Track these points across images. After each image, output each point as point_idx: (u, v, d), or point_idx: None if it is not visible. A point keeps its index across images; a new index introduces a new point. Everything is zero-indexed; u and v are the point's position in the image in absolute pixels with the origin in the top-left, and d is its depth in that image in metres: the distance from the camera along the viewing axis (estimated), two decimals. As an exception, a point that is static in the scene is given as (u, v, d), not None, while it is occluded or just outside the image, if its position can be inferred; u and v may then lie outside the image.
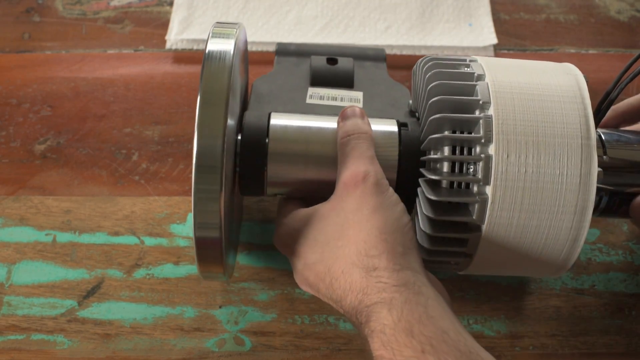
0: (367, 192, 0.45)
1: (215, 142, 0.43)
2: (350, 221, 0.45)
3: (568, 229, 0.45)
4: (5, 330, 0.55)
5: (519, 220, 0.45)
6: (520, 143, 0.44)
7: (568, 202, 0.44)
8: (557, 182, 0.44)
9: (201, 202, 0.43)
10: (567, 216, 0.44)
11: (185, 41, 0.74)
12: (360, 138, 0.48)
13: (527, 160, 0.44)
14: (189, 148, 0.66)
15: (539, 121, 0.45)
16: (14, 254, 0.59)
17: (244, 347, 0.55)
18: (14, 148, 0.66)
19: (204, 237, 0.44)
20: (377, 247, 0.43)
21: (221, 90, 0.44)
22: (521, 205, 0.44)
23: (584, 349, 0.55)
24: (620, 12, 0.78)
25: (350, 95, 0.55)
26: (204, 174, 0.43)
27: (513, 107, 0.45)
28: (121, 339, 0.55)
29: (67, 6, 0.78)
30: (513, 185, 0.44)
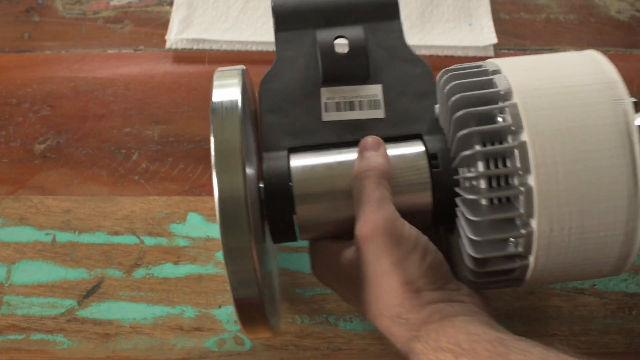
0: (380, 247, 0.43)
1: (239, 210, 0.40)
2: (370, 274, 0.44)
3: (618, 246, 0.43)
4: (5, 330, 0.55)
5: (573, 202, 0.42)
6: (555, 135, 0.42)
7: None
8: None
9: (233, 261, 0.41)
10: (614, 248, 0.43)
11: (185, 41, 0.74)
12: (368, 177, 0.45)
13: (564, 149, 0.41)
14: (188, 148, 0.66)
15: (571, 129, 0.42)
16: (14, 254, 0.59)
17: (243, 346, 0.55)
18: (13, 148, 0.66)
19: (242, 297, 0.42)
20: (398, 296, 0.43)
21: (235, 154, 0.41)
22: (570, 188, 0.42)
23: (584, 348, 0.55)
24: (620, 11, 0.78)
25: (368, 93, 0.51)
26: (231, 235, 0.40)
27: (536, 90, 0.43)
28: (121, 338, 0.55)
29: (67, 6, 0.78)
30: (554, 169, 0.41)
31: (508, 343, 0.39)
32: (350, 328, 0.56)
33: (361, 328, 0.56)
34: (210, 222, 0.61)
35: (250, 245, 0.40)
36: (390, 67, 0.51)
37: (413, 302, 0.43)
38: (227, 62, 0.72)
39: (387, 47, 0.52)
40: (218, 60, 0.72)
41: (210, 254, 0.59)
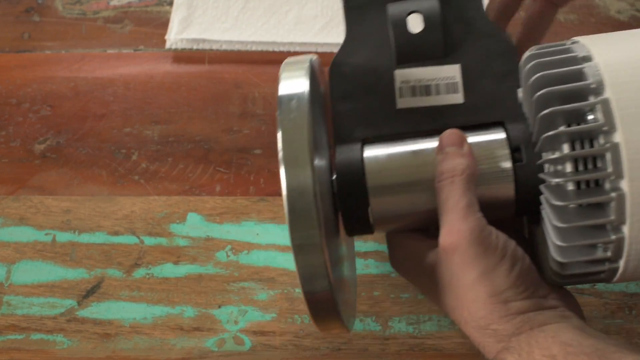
0: (465, 259, 0.41)
1: (307, 203, 0.39)
2: (455, 284, 0.43)
3: None
4: (4, 330, 0.55)
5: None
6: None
7: None
8: None
9: (302, 255, 0.41)
10: None
11: (185, 41, 0.74)
12: (455, 182, 0.42)
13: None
14: (188, 148, 0.66)
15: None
16: (14, 254, 0.59)
17: (243, 346, 0.55)
18: (13, 148, 0.66)
19: (312, 291, 0.41)
20: (485, 308, 0.41)
21: (303, 147, 0.40)
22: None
23: (584, 348, 0.55)
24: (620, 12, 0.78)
25: (445, 75, 0.47)
26: (300, 229, 0.40)
27: (632, 83, 0.39)
28: (121, 338, 0.55)
29: (67, 6, 0.78)
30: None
31: (606, 354, 0.37)
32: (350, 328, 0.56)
33: (361, 328, 0.56)
34: (210, 222, 0.61)
35: (320, 238, 0.40)
36: (469, 44, 0.47)
37: (502, 314, 0.41)
38: (227, 62, 0.72)
39: (465, 20, 0.48)
40: (218, 60, 0.72)
41: (210, 254, 0.59)
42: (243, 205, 0.62)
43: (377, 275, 0.58)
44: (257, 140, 0.67)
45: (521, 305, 0.41)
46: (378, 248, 0.60)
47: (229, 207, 0.62)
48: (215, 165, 0.65)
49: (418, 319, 0.56)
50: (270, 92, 0.69)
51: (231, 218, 0.61)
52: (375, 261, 0.59)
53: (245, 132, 0.67)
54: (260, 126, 0.67)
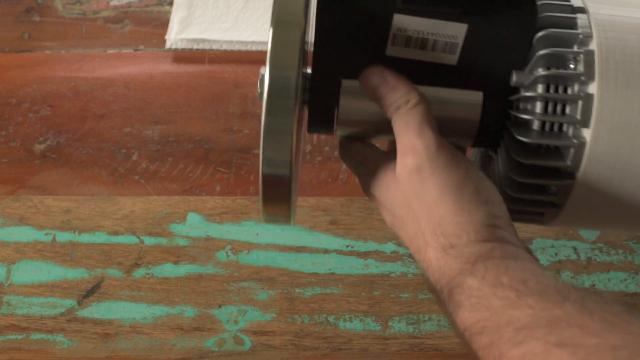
0: (426, 176, 0.39)
1: (290, 74, 0.39)
2: (416, 206, 0.40)
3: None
4: (4, 330, 0.55)
5: (620, 168, 0.39)
6: (629, 80, 0.39)
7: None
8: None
9: (271, 136, 0.40)
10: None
11: (185, 41, 0.74)
12: (410, 110, 0.40)
13: (634, 101, 0.39)
14: (188, 148, 0.66)
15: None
16: (14, 254, 0.59)
17: (243, 346, 0.55)
18: (13, 148, 0.66)
19: (271, 174, 0.41)
20: (453, 227, 0.38)
21: (296, 27, 0.38)
22: (627, 151, 0.39)
23: (584, 348, 0.55)
24: (620, 11, 0.78)
25: (447, 32, 0.43)
26: (276, 108, 0.39)
27: (619, 39, 0.40)
28: (121, 338, 0.55)
29: (67, 6, 0.78)
30: (617, 128, 0.39)
31: (587, 298, 0.34)
32: (350, 328, 0.56)
33: (361, 328, 0.56)
34: (210, 221, 0.61)
35: (292, 126, 0.39)
36: (484, 3, 0.43)
37: (471, 236, 0.38)
38: (227, 62, 0.72)
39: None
40: (218, 60, 0.72)
41: (210, 253, 0.59)
42: (243, 205, 0.62)
43: (377, 275, 0.58)
44: (257, 140, 0.66)
45: (495, 232, 0.38)
46: (378, 248, 0.60)
47: (229, 207, 0.62)
48: (215, 165, 0.65)
49: (418, 319, 0.56)
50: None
51: (231, 218, 0.61)
52: (375, 261, 0.59)
53: (245, 132, 0.67)
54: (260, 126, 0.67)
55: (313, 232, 0.60)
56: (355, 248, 0.60)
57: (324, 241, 0.60)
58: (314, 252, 0.60)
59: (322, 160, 0.65)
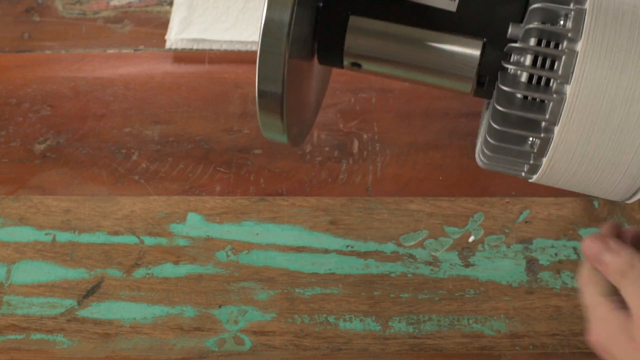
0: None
1: (287, 2, 0.43)
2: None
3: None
4: (4, 330, 0.55)
5: (598, 128, 0.40)
6: (616, 42, 0.40)
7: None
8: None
9: (265, 55, 0.43)
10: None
11: (185, 41, 0.74)
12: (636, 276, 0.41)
13: (617, 63, 0.39)
14: (188, 148, 0.66)
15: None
16: (14, 254, 0.59)
17: (243, 346, 0.55)
18: (13, 148, 0.66)
19: (264, 90, 0.44)
20: None
21: None
22: (606, 111, 0.40)
23: (584, 348, 0.55)
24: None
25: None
26: (271, 30, 0.43)
27: (614, 1, 0.40)
28: (121, 338, 0.55)
29: (67, 6, 0.78)
30: (597, 87, 0.40)
31: None
32: (350, 328, 0.56)
33: (361, 328, 0.56)
34: (210, 221, 0.61)
35: (284, 47, 0.42)
36: None
37: None
38: (227, 62, 0.72)
39: None
40: (218, 60, 0.72)
41: (210, 253, 0.59)
42: (243, 205, 0.62)
43: (377, 275, 0.58)
44: (257, 140, 0.67)
45: None
46: (378, 248, 0.60)
47: (229, 207, 0.62)
48: (215, 165, 0.65)
49: (418, 319, 0.56)
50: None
51: (231, 218, 0.61)
52: (375, 261, 0.59)
53: (245, 132, 0.67)
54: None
55: (313, 232, 0.61)
56: (355, 248, 0.60)
57: (324, 241, 0.60)
58: (314, 252, 0.60)
59: (322, 160, 0.65)
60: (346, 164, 0.65)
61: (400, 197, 0.63)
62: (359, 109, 0.69)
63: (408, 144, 0.66)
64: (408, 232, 0.60)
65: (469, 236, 0.60)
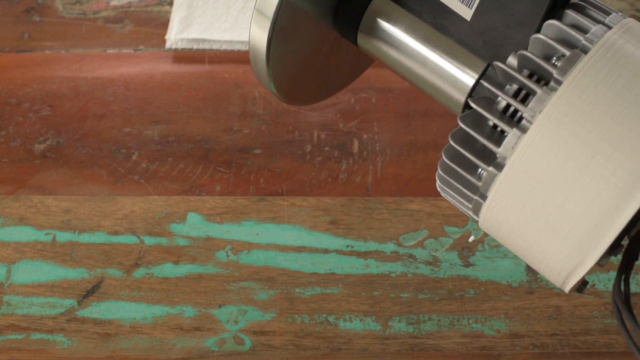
0: None
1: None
2: None
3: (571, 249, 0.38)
4: (4, 330, 0.55)
5: (546, 181, 0.38)
6: (588, 110, 0.37)
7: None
8: None
9: (256, 20, 0.46)
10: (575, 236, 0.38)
11: (185, 41, 0.74)
12: None
13: (581, 131, 0.37)
14: (188, 148, 0.66)
15: None
16: (14, 254, 0.59)
17: (243, 346, 0.55)
18: (13, 147, 0.66)
19: (254, 35, 0.46)
20: None
21: None
22: (557, 165, 0.38)
23: (584, 348, 0.55)
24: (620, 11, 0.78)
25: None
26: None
27: (610, 70, 0.38)
28: (121, 338, 0.55)
29: (67, 6, 0.78)
30: (553, 143, 0.38)
31: None
32: (350, 328, 0.56)
33: (361, 328, 0.56)
34: (210, 222, 0.61)
35: (275, 14, 0.44)
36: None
37: None
38: (227, 62, 0.72)
39: None
40: (218, 60, 0.72)
41: (210, 253, 0.59)
42: (243, 205, 0.62)
43: (377, 275, 0.58)
44: (257, 140, 0.67)
45: None
46: (378, 248, 0.60)
47: (229, 207, 0.62)
48: (215, 165, 0.65)
49: (418, 319, 0.56)
50: (270, 92, 0.69)
51: (231, 218, 0.61)
52: (375, 261, 0.59)
53: (245, 132, 0.67)
54: (261, 126, 0.67)
55: (313, 232, 0.61)
56: (355, 248, 0.60)
57: (324, 241, 0.60)
58: (314, 252, 0.60)
59: (322, 160, 0.65)
60: (346, 164, 0.65)
61: (400, 197, 0.63)
62: (359, 109, 0.69)
63: (408, 144, 0.66)
64: (408, 232, 0.60)
65: (469, 236, 0.60)
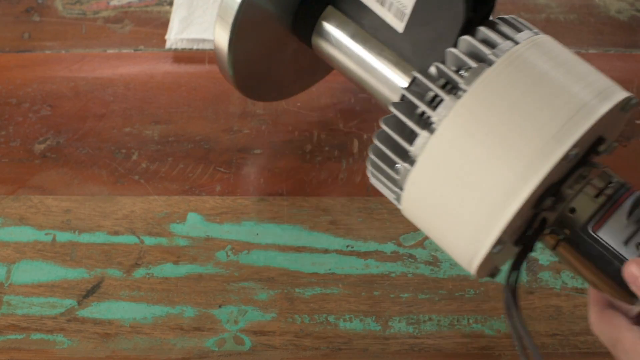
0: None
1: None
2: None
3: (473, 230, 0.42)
4: (4, 330, 0.55)
5: (450, 178, 0.42)
6: (484, 116, 0.41)
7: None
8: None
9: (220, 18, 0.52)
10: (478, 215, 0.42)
11: (185, 41, 0.74)
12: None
13: (482, 130, 0.41)
14: (188, 148, 0.66)
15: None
16: (14, 254, 0.59)
17: (243, 346, 0.55)
18: (13, 147, 0.66)
19: (218, 30, 0.52)
20: None
21: None
22: (459, 164, 0.42)
23: (584, 348, 0.55)
24: (620, 11, 0.78)
25: (400, 0, 0.48)
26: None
27: (510, 80, 0.42)
28: (121, 338, 0.55)
29: (67, 6, 0.78)
30: (458, 142, 0.42)
31: None
32: (350, 328, 0.56)
33: (361, 328, 0.56)
34: (210, 221, 0.61)
35: (235, 15, 0.50)
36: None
37: None
38: (227, 62, 0.72)
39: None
40: (218, 60, 0.72)
41: (210, 253, 0.59)
42: (243, 205, 0.62)
43: (377, 275, 0.58)
44: (257, 140, 0.67)
45: None
46: (378, 248, 0.60)
47: (229, 207, 0.62)
48: (215, 165, 0.65)
49: (418, 319, 0.56)
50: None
51: (231, 218, 0.61)
52: (375, 261, 0.59)
53: (245, 132, 0.67)
54: (260, 126, 0.67)
55: (313, 232, 0.61)
56: (355, 248, 0.60)
57: (324, 241, 0.60)
58: (314, 252, 0.60)
59: (322, 160, 0.65)
60: (346, 163, 0.65)
61: (400, 197, 0.62)
62: (359, 109, 0.69)
63: (408, 144, 0.66)
64: (408, 232, 0.60)
65: (469, 236, 0.60)
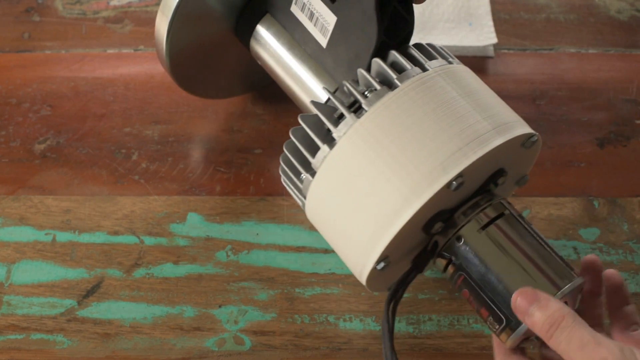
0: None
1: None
2: None
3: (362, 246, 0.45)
4: (4, 330, 0.55)
5: (341, 194, 0.45)
6: (382, 136, 0.44)
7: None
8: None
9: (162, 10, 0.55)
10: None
11: (185, 41, 0.74)
12: (564, 328, 0.41)
13: (382, 148, 0.44)
14: (188, 148, 0.66)
15: None
16: (14, 254, 0.59)
17: (243, 346, 0.55)
18: (13, 147, 0.66)
19: (159, 19, 0.56)
20: None
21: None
22: (352, 179, 0.44)
23: None
24: (620, 11, 0.78)
25: (325, 16, 0.52)
26: None
27: (411, 103, 0.45)
28: (121, 338, 0.55)
29: (67, 6, 0.78)
30: (354, 158, 0.44)
31: None
32: (350, 328, 0.56)
33: (361, 328, 0.56)
34: (210, 221, 0.61)
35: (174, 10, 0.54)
36: (351, 10, 0.50)
37: None
38: (227, 62, 0.72)
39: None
40: (218, 60, 0.72)
41: (210, 253, 0.59)
42: (243, 205, 0.62)
43: (377, 275, 0.58)
44: (257, 140, 0.67)
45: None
46: (378, 248, 0.60)
47: (229, 207, 0.62)
48: (215, 165, 0.65)
49: (418, 319, 0.56)
50: (270, 92, 0.69)
51: (231, 218, 0.61)
52: (375, 261, 0.59)
53: (245, 132, 0.67)
54: (260, 126, 0.67)
55: (313, 232, 0.61)
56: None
57: (324, 241, 0.60)
58: (314, 252, 0.60)
59: (322, 160, 0.65)
60: (346, 164, 0.65)
61: (400, 197, 0.62)
62: (359, 109, 0.69)
63: (408, 144, 0.66)
64: (408, 232, 0.60)
65: (469, 236, 0.60)
